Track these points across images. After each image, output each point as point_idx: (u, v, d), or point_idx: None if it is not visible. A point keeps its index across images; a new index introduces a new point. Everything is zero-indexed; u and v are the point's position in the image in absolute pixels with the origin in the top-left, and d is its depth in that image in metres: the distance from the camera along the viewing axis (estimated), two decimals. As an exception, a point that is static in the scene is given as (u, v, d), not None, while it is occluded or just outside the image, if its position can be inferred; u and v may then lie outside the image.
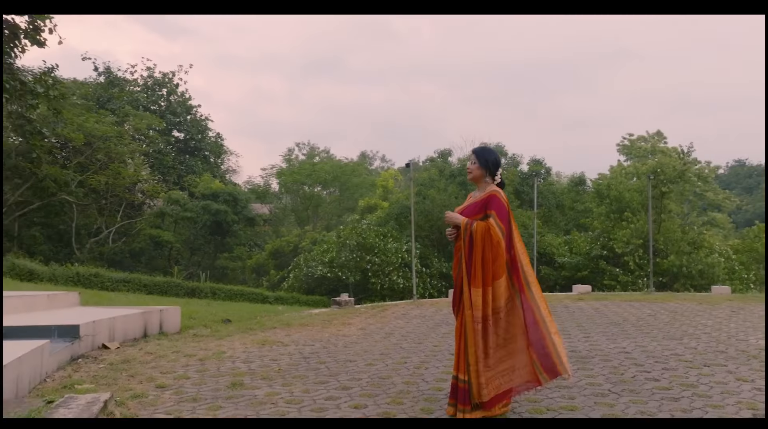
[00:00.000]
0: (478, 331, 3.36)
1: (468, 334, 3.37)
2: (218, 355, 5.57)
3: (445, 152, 25.28)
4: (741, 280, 16.75)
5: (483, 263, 3.41)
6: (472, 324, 3.36)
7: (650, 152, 39.68)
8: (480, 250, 3.41)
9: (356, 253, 18.21)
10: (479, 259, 3.40)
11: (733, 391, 4.07)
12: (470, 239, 3.43)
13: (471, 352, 3.35)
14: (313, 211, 34.87)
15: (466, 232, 3.44)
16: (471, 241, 3.43)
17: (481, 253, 3.41)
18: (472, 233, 3.43)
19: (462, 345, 3.47)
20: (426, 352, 5.72)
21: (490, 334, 3.39)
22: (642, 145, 42.02)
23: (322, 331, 7.24)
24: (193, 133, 36.99)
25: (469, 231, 3.44)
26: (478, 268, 3.40)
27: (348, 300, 10.31)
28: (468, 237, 3.44)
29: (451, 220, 3.57)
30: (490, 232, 3.41)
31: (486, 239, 3.41)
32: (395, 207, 21.36)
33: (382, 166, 67.59)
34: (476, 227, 3.43)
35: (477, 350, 3.34)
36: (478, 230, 3.42)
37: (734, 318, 8.02)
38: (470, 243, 3.43)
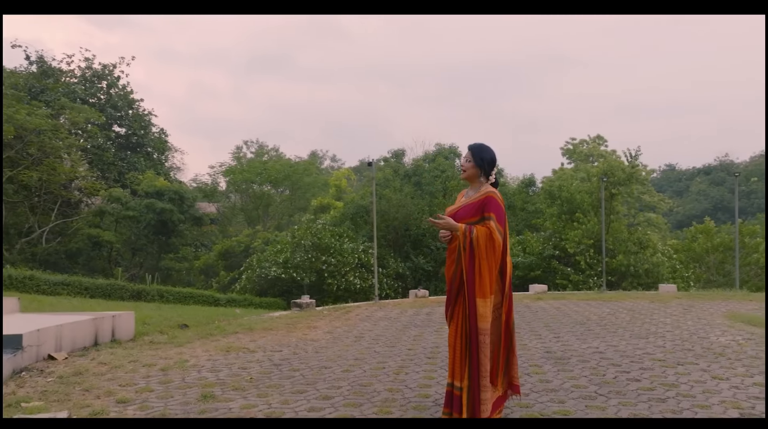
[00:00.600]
0: (486, 344, 3.22)
1: (477, 347, 3.21)
2: (181, 364, 5.19)
3: (399, 152, 25.28)
4: (683, 278, 17.62)
5: (489, 272, 3.26)
6: (479, 337, 3.21)
7: (591, 155, 41.28)
8: (484, 258, 3.26)
9: (311, 254, 17.84)
10: (485, 267, 3.25)
11: (713, 390, 4.12)
12: (471, 247, 3.27)
13: (483, 365, 3.19)
14: (264, 211, 34.06)
15: (466, 240, 3.27)
16: (472, 249, 3.26)
17: (486, 262, 3.26)
18: (473, 241, 3.26)
19: (459, 354, 3.31)
20: (401, 356, 5.55)
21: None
22: (584, 148, 43.61)
23: (288, 335, 6.94)
24: (135, 129, 35.25)
25: (469, 238, 3.27)
26: (485, 277, 3.25)
27: (309, 302, 10.00)
28: (468, 245, 3.27)
29: (448, 226, 3.37)
30: (493, 238, 3.26)
31: (489, 247, 3.26)
32: (350, 207, 21.11)
33: (333, 166, 67.09)
34: (477, 234, 3.27)
35: (487, 364, 3.20)
36: (481, 237, 3.26)
37: (688, 315, 8.31)
38: (471, 251, 3.27)
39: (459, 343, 3.33)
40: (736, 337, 6.34)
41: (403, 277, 18.40)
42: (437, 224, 3.39)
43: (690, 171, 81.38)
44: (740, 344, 5.91)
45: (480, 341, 3.20)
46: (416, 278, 18.63)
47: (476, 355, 3.20)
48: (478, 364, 3.20)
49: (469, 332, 3.22)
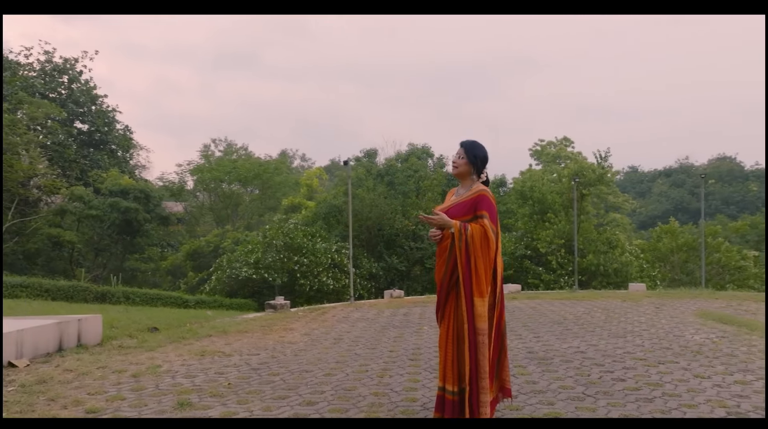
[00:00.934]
0: (485, 345, 3.13)
1: (475, 348, 3.11)
2: (153, 370, 4.95)
3: (371, 152, 25.14)
4: (650, 277, 18.05)
5: (484, 270, 3.17)
6: (477, 337, 3.12)
7: (558, 157, 42.03)
8: (480, 256, 3.17)
9: (283, 254, 17.55)
10: (481, 265, 3.17)
11: (697, 388, 4.14)
12: (466, 245, 3.17)
13: (482, 367, 3.10)
14: (233, 210, 33.46)
15: (462, 237, 3.18)
16: (467, 247, 3.17)
17: (482, 260, 3.17)
18: (468, 238, 3.17)
19: (451, 356, 3.21)
20: (384, 358, 5.43)
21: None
22: (552, 150, 44.37)
23: (264, 338, 6.74)
24: (99, 125, 34.14)
25: (465, 236, 3.18)
26: (481, 276, 3.16)
27: (284, 303, 9.79)
28: (464, 242, 3.18)
29: (443, 222, 3.27)
30: (487, 236, 3.18)
31: (484, 245, 3.18)
32: (323, 206, 20.88)
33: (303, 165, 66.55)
34: (472, 231, 3.18)
35: (485, 365, 3.11)
36: (476, 235, 3.17)
37: (661, 314, 8.45)
38: (467, 249, 3.17)
39: (451, 346, 3.23)
40: (710, 335, 6.45)
41: (377, 278, 18.30)
42: (431, 220, 3.28)
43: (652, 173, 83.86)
44: (715, 342, 6.01)
45: (478, 342, 3.12)
46: (389, 278, 18.55)
47: (474, 356, 3.11)
48: (477, 365, 3.11)
49: (467, 333, 3.13)
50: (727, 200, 65.29)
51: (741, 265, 19.34)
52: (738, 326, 7.09)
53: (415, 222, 18.92)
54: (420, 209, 19.49)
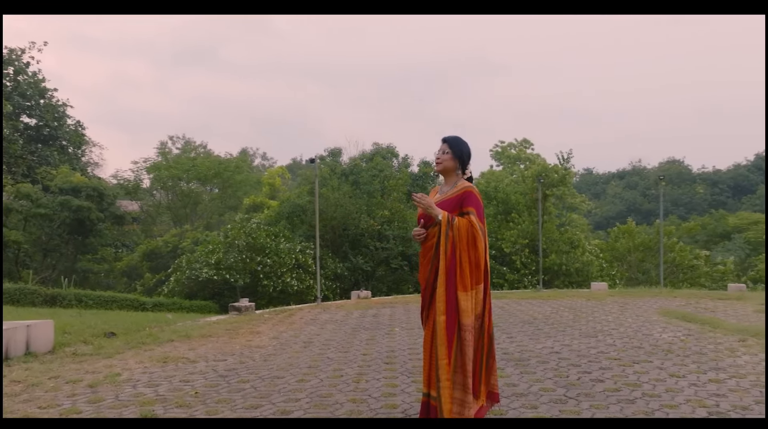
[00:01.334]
0: (469, 342, 3.01)
1: (460, 344, 2.99)
2: (112, 379, 4.63)
3: (336, 151, 24.83)
4: (609, 276, 18.51)
5: (469, 265, 3.05)
6: (461, 333, 2.99)
7: (518, 158, 42.75)
8: (465, 250, 3.04)
9: (245, 254, 17.08)
10: (465, 259, 3.04)
11: (675, 388, 4.15)
12: (453, 237, 3.04)
13: (465, 365, 2.98)
14: (192, 209, 32.50)
15: (449, 229, 3.04)
16: (454, 238, 3.04)
17: (467, 254, 3.05)
18: (455, 230, 3.04)
19: (434, 358, 3.08)
20: (357, 362, 5.26)
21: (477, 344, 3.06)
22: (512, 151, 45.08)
23: (230, 342, 6.45)
24: (48, 120, 32.55)
25: (453, 227, 3.04)
26: (465, 270, 3.04)
27: (248, 305, 9.46)
28: (450, 234, 3.04)
29: (429, 207, 3.09)
30: (474, 231, 3.06)
31: (470, 240, 3.06)
32: (286, 206, 20.47)
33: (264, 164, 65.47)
34: (459, 223, 3.06)
35: (469, 364, 2.98)
36: (462, 227, 3.05)
37: (626, 313, 8.58)
38: (453, 241, 3.05)
39: (434, 348, 3.09)
40: (676, 334, 6.56)
41: (342, 278, 18.07)
42: (418, 202, 3.10)
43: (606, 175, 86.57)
44: (683, 340, 6.11)
45: (462, 338, 2.99)
46: (354, 279, 18.34)
47: (457, 353, 2.97)
48: (462, 363, 2.98)
49: (451, 329, 2.99)
50: (677, 202, 67.96)
51: (694, 264, 20.09)
52: (701, 324, 7.25)
53: (380, 222, 18.80)
54: (385, 209, 19.37)
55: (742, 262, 25.98)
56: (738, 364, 4.93)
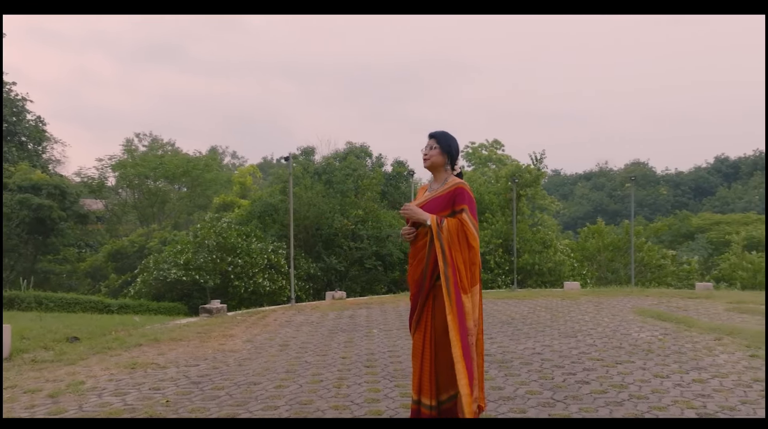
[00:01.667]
0: (473, 346, 2.88)
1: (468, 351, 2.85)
2: (75, 388, 4.34)
3: (309, 150, 24.51)
4: (581, 276, 18.77)
5: (464, 266, 2.92)
6: (467, 338, 2.85)
7: (489, 159, 43.14)
8: (459, 250, 2.91)
9: (216, 254, 16.65)
10: (460, 261, 2.91)
11: (660, 389, 4.11)
12: (443, 241, 2.91)
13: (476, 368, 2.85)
14: (160, 208, 31.67)
15: (439, 232, 2.91)
16: (445, 243, 2.91)
17: (460, 255, 2.91)
18: (445, 232, 2.91)
19: (429, 366, 2.94)
20: (337, 366, 5.08)
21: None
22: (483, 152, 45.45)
23: (202, 346, 6.19)
24: (6, 115, 31.24)
25: (443, 229, 2.91)
26: (461, 271, 2.91)
27: (220, 307, 9.16)
28: (442, 239, 2.90)
29: (416, 215, 2.98)
30: (465, 230, 2.93)
31: (462, 240, 2.92)
32: (258, 205, 20.06)
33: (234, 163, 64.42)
34: (448, 225, 2.92)
35: (474, 370, 2.85)
36: (452, 229, 2.91)
37: (602, 312, 8.62)
38: (445, 245, 2.91)
39: (429, 354, 2.95)
40: (654, 333, 6.59)
41: (315, 278, 17.80)
42: (404, 212, 2.97)
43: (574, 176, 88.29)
44: (661, 339, 6.13)
45: (469, 343, 2.87)
46: (328, 279, 18.11)
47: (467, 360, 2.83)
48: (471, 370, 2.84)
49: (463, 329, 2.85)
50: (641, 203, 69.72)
51: (661, 263, 20.53)
52: (676, 323, 7.32)
53: (354, 221, 18.61)
54: (359, 209, 19.19)
55: (706, 261, 26.74)
56: (718, 364, 4.95)
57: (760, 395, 3.93)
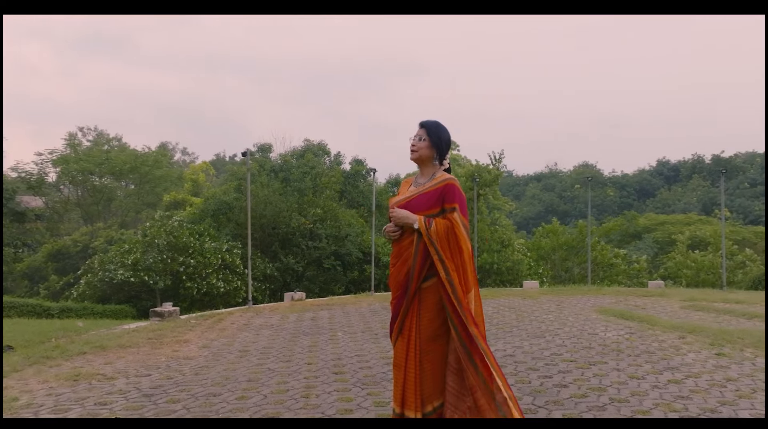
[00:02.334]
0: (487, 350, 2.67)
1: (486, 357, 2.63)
2: (7, 405, 3.87)
3: (265, 147, 23.88)
4: (537, 274, 19.06)
5: (457, 271, 2.70)
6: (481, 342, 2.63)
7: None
8: (450, 257, 2.69)
9: (166, 254, 15.92)
10: (451, 267, 2.69)
11: (639, 391, 4.03)
12: (434, 245, 2.68)
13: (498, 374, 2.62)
14: (105, 206, 30.20)
15: (428, 235, 2.67)
16: (435, 246, 2.68)
17: (452, 262, 2.69)
18: (433, 235, 2.68)
19: (414, 375, 2.70)
20: (303, 373, 4.78)
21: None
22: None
23: (153, 353, 5.74)
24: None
25: (431, 233, 2.68)
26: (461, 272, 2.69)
27: (172, 310, 8.63)
28: (432, 243, 2.67)
29: (404, 220, 2.73)
30: (456, 232, 2.70)
31: (452, 242, 2.70)
32: (211, 203, 19.36)
33: (185, 160, 62.41)
34: (437, 228, 2.69)
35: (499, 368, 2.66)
36: (441, 231, 2.69)
37: (565, 311, 8.64)
38: (439, 245, 2.68)
39: (414, 363, 2.72)
40: (620, 332, 6.60)
41: (271, 279, 17.31)
42: (392, 216, 2.74)
43: (525, 177, 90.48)
44: (628, 339, 6.13)
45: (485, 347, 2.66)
46: (285, 280, 17.65)
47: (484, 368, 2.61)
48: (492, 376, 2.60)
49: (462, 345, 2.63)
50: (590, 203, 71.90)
51: (613, 262, 21.15)
52: (639, 322, 7.38)
53: (312, 220, 18.22)
54: (317, 207, 18.81)
55: (653, 260, 27.78)
56: (687, 363, 4.94)
57: (736, 396, 3.90)
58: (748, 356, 5.22)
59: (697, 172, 73.94)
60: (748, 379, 4.36)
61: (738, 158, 72.60)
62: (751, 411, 3.56)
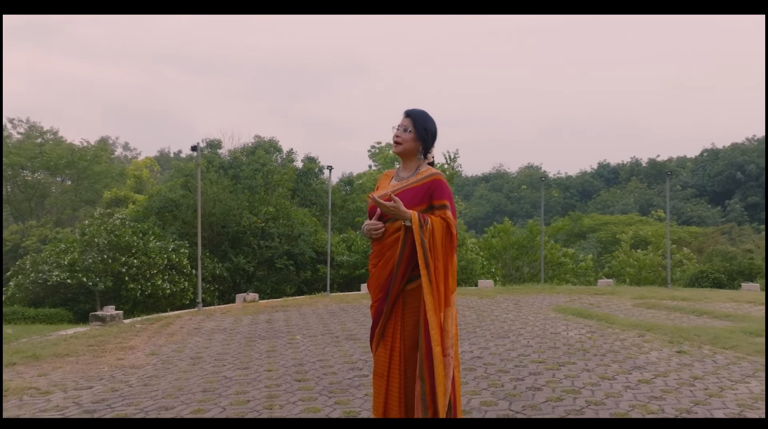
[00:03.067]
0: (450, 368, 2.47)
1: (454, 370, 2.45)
2: None
3: (215, 142, 23.02)
4: (490, 273, 19.27)
5: (453, 275, 2.51)
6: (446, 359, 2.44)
7: (395, 159, 43.57)
8: (442, 258, 2.49)
9: (107, 254, 14.98)
10: (441, 268, 2.49)
11: (613, 393, 3.97)
12: (428, 244, 2.46)
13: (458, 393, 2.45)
14: (38, 203, 28.33)
15: (422, 233, 2.45)
16: (429, 246, 2.46)
17: (443, 262, 2.49)
18: (428, 234, 2.46)
19: (398, 386, 2.48)
20: (263, 381, 4.46)
21: None
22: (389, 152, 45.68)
23: (95, 363, 5.25)
24: None
25: (426, 231, 2.46)
26: (449, 282, 2.51)
27: (115, 314, 8.03)
28: (426, 242, 2.45)
29: (400, 212, 2.47)
30: (451, 233, 2.52)
31: (447, 244, 2.51)
32: (156, 200, 18.41)
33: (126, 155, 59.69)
34: (433, 226, 2.48)
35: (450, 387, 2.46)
36: (437, 231, 2.48)
37: (523, 311, 8.65)
38: (429, 249, 2.46)
39: (398, 372, 2.49)
40: (581, 331, 6.63)
41: (221, 280, 16.64)
42: (385, 207, 2.47)
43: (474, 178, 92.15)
44: (591, 338, 6.14)
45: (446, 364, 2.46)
46: (235, 280, 17.01)
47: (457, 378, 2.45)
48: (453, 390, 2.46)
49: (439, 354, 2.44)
50: (536, 204, 74.10)
51: (562, 261, 21.68)
52: (597, 320, 7.46)
53: (264, 219, 17.66)
54: (270, 206, 18.25)
55: (597, 259, 28.73)
56: (652, 362, 4.96)
57: (706, 395, 3.90)
58: (707, 353, 5.32)
59: (635, 174, 77.55)
60: (713, 377, 4.39)
61: (672, 162, 76.67)
62: (724, 411, 3.55)
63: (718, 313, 8.02)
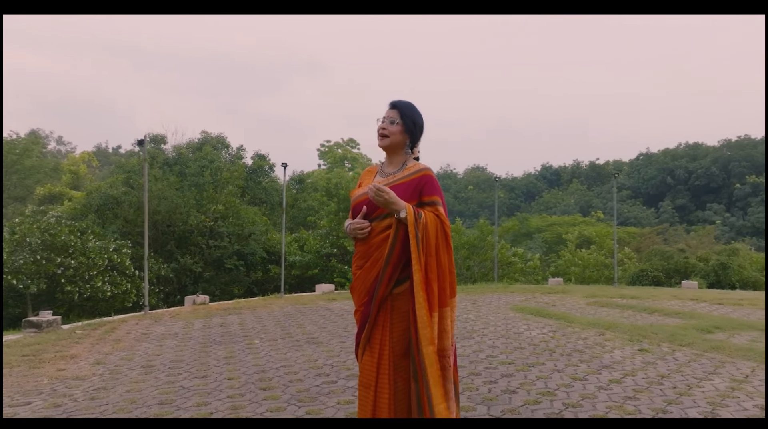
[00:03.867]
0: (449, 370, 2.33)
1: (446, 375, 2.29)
2: None
3: (159, 137, 22.02)
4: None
5: (449, 273, 2.35)
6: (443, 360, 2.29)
7: (344, 158, 43.34)
8: (434, 254, 2.33)
9: (41, 254, 13.97)
10: (434, 265, 2.33)
11: (587, 394, 3.95)
12: (422, 241, 2.30)
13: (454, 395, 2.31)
14: (-40, 199, 26.17)
15: (416, 228, 2.28)
16: (423, 243, 2.30)
17: (435, 259, 2.33)
18: (422, 229, 2.30)
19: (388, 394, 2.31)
20: (224, 390, 4.17)
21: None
22: (339, 151, 45.43)
23: (32, 374, 4.78)
24: None
25: (420, 226, 2.29)
26: (445, 281, 2.34)
27: (52, 319, 7.42)
28: (420, 238, 2.29)
29: (391, 201, 2.28)
30: (446, 230, 2.37)
31: (441, 240, 2.35)
32: (96, 197, 17.38)
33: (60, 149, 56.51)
34: (427, 220, 2.32)
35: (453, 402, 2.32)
36: (431, 225, 2.32)
37: (482, 310, 8.67)
38: (424, 247, 2.30)
39: (387, 381, 2.32)
40: (543, 330, 6.67)
41: (166, 281, 15.90)
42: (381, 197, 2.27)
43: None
44: (555, 338, 6.17)
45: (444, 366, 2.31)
46: (182, 282, 16.31)
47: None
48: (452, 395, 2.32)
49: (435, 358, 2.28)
50: (482, 205, 75.63)
51: (511, 260, 22.09)
52: (556, 319, 7.55)
53: (213, 217, 17.02)
54: (218, 204, 17.62)
55: (544, 258, 29.55)
56: (617, 360, 5.02)
57: (676, 393, 3.95)
58: (667, 351, 5.43)
59: (576, 176, 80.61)
60: (678, 375, 4.47)
61: (609, 166, 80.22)
62: (697, 409, 3.58)
63: (668, 311, 8.29)
